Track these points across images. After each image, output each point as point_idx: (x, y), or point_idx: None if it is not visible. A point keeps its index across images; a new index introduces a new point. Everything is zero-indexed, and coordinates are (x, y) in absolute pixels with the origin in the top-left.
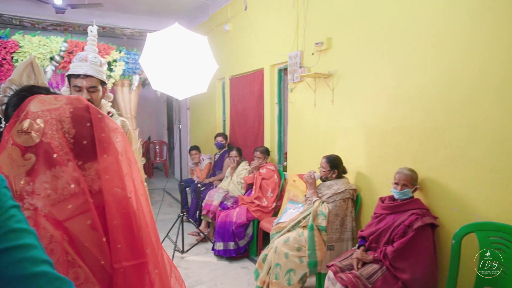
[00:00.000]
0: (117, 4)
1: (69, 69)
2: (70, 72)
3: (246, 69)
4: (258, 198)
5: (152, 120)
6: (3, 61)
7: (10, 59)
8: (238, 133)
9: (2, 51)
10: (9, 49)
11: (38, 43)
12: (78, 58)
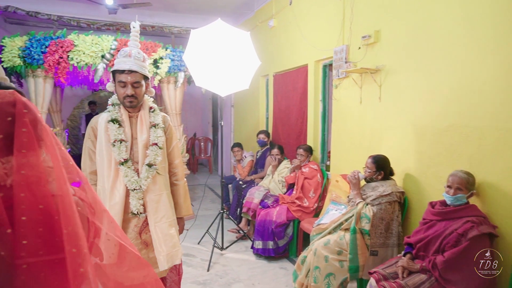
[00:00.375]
0: (165, 3)
1: (114, 65)
2: (115, 68)
3: (290, 66)
4: (299, 198)
5: (198, 117)
6: (60, 59)
7: (66, 57)
8: (280, 131)
9: (59, 50)
10: (65, 48)
11: (91, 42)
12: (122, 53)
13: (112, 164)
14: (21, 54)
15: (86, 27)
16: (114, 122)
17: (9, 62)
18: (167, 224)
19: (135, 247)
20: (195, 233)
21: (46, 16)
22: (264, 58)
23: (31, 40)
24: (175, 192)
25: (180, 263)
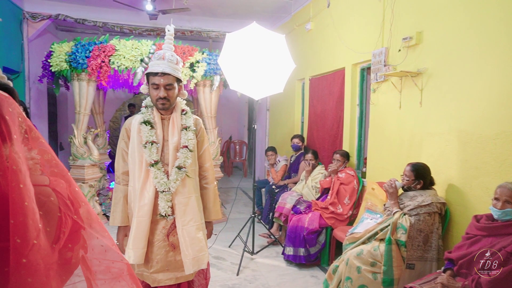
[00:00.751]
0: (203, 9)
1: (148, 67)
2: (149, 71)
3: (326, 69)
4: (333, 204)
5: (234, 120)
6: (102, 63)
7: (108, 61)
8: (315, 136)
9: (102, 55)
10: (107, 53)
11: (131, 46)
12: (156, 56)
13: (143, 166)
14: (68, 58)
15: (129, 33)
16: (146, 124)
17: (57, 66)
18: (195, 228)
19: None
20: (226, 236)
21: (92, 23)
22: (301, 61)
23: (77, 46)
24: (204, 196)
25: (207, 267)
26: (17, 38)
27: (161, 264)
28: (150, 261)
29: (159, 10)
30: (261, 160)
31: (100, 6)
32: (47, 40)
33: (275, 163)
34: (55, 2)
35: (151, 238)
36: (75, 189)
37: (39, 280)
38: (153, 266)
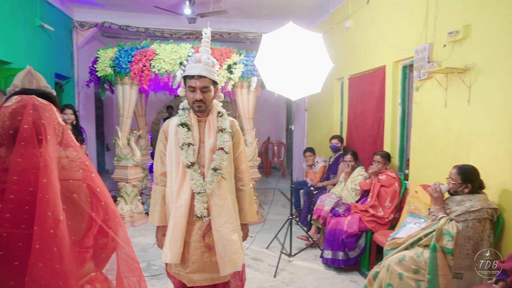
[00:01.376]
0: (241, 10)
1: (185, 70)
2: (186, 74)
3: (366, 68)
4: (373, 207)
5: (272, 121)
6: (143, 67)
7: (149, 65)
8: (355, 136)
9: (143, 59)
10: (148, 57)
11: (170, 50)
12: (193, 59)
13: (180, 167)
14: (112, 64)
15: (169, 37)
16: (183, 126)
17: (102, 71)
18: (230, 230)
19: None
20: (264, 237)
21: (135, 29)
22: (339, 60)
23: (120, 51)
24: (240, 198)
25: (243, 269)
26: (68, 46)
27: (197, 265)
28: (186, 261)
29: (198, 14)
30: (299, 161)
31: (142, 12)
32: (94, 46)
33: (314, 164)
34: (101, 11)
35: (187, 238)
36: (97, 189)
37: (50, 264)
38: (189, 267)
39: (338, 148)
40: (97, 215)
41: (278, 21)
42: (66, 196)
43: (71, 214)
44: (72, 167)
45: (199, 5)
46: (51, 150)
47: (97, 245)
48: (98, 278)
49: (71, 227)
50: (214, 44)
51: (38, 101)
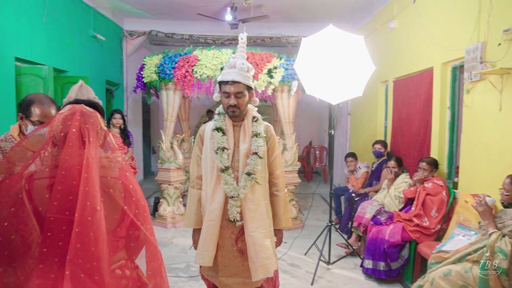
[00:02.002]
0: (283, 15)
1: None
2: (220, 79)
3: (412, 70)
4: (418, 216)
5: (314, 125)
6: (186, 73)
7: (191, 71)
8: (400, 141)
9: (186, 65)
10: (191, 63)
11: (212, 56)
12: (228, 65)
13: (214, 171)
14: (157, 70)
15: (212, 43)
16: (218, 131)
17: (148, 77)
18: (262, 235)
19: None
20: (302, 243)
21: (180, 36)
22: (384, 63)
23: (164, 58)
24: (274, 203)
25: (276, 275)
26: (118, 54)
27: (229, 269)
28: (219, 265)
29: (239, 20)
30: (341, 166)
31: (186, 20)
32: (142, 54)
33: (355, 170)
34: (149, 20)
35: (220, 242)
36: (130, 186)
37: (87, 246)
38: (222, 270)
39: (381, 154)
40: (129, 208)
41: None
42: (104, 190)
43: (107, 206)
44: (110, 166)
45: (241, 11)
46: (92, 150)
47: (130, 236)
48: (127, 265)
49: (107, 217)
50: (255, 49)
51: (85, 109)
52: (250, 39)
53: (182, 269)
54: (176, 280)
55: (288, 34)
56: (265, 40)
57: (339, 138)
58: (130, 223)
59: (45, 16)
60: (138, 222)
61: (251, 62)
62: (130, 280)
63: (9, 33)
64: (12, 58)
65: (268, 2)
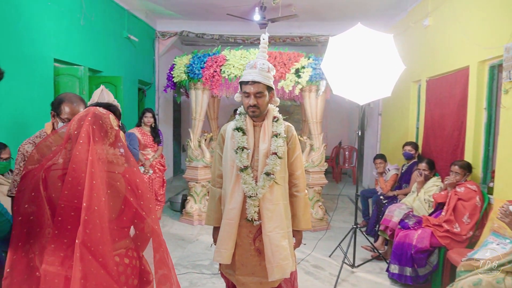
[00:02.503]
0: (312, 14)
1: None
2: (241, 80)
3: (447, 69)
4: (448, 222)
5: (344, 125)
6: (214, 73)
7: (219, 71)
8: (432, 143)
9: (214, 65)
10: (219, 63)
11: (240, 55)
12: (248, 65)
13: (234, 170)
14: (186, 70)
15: (242, 43)
16: (238, 130)
17: (177, 77)
18: (280, 235)
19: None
20: (327, 244)
21: (210, 36)
22: (417, 62)
23: (194, 58)
24: (294, 204)
25: (295, 277)
26: (150, 54)
27: (246, 268)
28: (236, 263)
29: (268, 19)
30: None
31: (216, 20)
32: (174, 54)
33: (384, 172)
34: (181, 21)
35: (238, 241)
36: (136, 180)
37: (94, 232)
38: (239, 269)
39: (411, 156)
40: (134, 200)
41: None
42: (111, 183)
43: (113, 197)
44: (118, 162)
45: (270, 11)
46: (99, 148)
47: (136, 227)
48: (127, 254)
49: (112, 207)
50: (283, 49)
51: (98, 111)
52: (280, 39)
53: (205, 266)
54: (200, 276)
55: (318, 33)
56: (295, 39)
57: (369, 139)
58: (135, 214)
59: (82, 19)
60: (143, 213)
61: (279, 62)
62: (127, 268)
63: (48, 36)
64: (51, 59)
65: (297, 1)
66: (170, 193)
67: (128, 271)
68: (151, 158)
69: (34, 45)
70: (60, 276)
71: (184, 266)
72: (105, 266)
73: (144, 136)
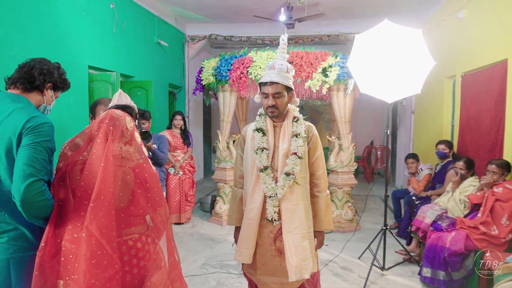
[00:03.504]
0: (340, 11)
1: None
2: (260, 81)
3: (483, 63)
4: (485, 224)
5: (376, 124)
6: (241, 74)
7: (246, 72)
8: (468, 142)
9: (241, 67)
10: (245, 64)
11: (266, 57)
12: (268, 66)
13: (254, 171)
14: (214, 72)
15: (270, 44)
16: (258, 131)
17: (206, 80)
18: (300, 236)
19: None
20: (357, 246)
21: (238, 38)
22: (451, 56)
23: (221, 60)
24: (315, 204)
25: (317, 278)
26: (180, 58)
27: (267, 268)
28: (257, 263)
29: (295, 19)
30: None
31: (244, 22)
32: (203, 57)
33: (417, 172)
34: (209, 24)
35: (259, 241)
36: (145, 174)
37: (99, 218)
38: (260, 268)
39: (445, 155)
40: (141, 192)
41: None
42: (122, 177)
43: (122, 189)
44: (131, 158)
45: (296, 11)
46: (112, 146)
47: (151, 218)
48: (141, 240)
49: (121, 197)
50: (309, 48)
51: (115, 113)
52: (308, 38)
53: (233, 266)
54: (227, 276)
55: (347, 31)
56: (323, 38)
57: (402, 137)
58: (143, 205)
59: (115, 27)
60: (149, 204)
61: (306, 62)
62: (139, 251)
63: (83, 44)
64: (86, 66)
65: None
66: (200, 194)
67: (140, 254)
68: (181, 160)
69: (71, 53)
70: (74, 253)
71: (212, 266)
72: (108, 246)
73: (174, 138)
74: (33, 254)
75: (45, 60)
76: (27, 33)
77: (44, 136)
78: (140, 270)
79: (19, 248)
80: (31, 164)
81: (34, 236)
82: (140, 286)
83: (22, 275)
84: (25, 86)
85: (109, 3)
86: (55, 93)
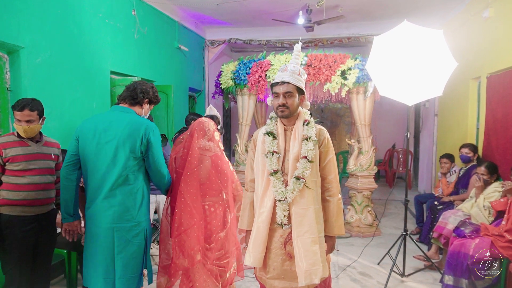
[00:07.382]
0: (360, 13)
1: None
2: (272, 82)
3: (509, 64)
4: (510, 232)
5: (398, 127)
6: (260, 78)
7: (264, 76)
8: (494, 145)
9: (259, 70)
10: (264, 68)
11: (284, 60)
12: (280, 69)
13: (265, 174)
14: (232, 76)
15: (289, 47)
16: (269, 135)
17: (225, 83)
18: (310, 240)
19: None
20: (377, 251)
21: (257, 42)
22: (476, 57)
23: (240, 64)
24: (326, 208)
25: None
26: (200, 62)
27: (277, 271)
28: (267, 267)
29: (314, 22)
30: (427, 171)
31: (263, 26)
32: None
33: (449, 172)
34: (229, 28)
35: (269, 244)
36: (218, 161)
37: (187, 187)
38: (270, 272)
39: (469, 159)
40: (215, 173)
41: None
42: (203, 161)
43: (203, 170)
44: (210, 149)
45: (316, 13)
46: (199, 141)
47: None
48: (215, 206)
49: (203, 175)
50: (328, 51)
51: (201, 120)
52: (327, 41)
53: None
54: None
55: (367, 33)
56: (343, 40)
57: (425, 141)
58: (217, 182)
59: (136, 33)
60: (219, 183)
61: (324, 64)
62: (212, 214)
63: (106, 50)
64: (108, 71)
65: (344, 1)
66: None
67: (212, 216)
68: None
69: (94, 59)
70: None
71: None
72: (196, 208)
73: None
74: (132, 225)
75: (144, 82)
76: (53, 40)
77: (158, 136)
78: (212, 226)
79: (121, 220)
80: (164, 164)
81: (133, 210)
82: (210, 236)
83: (122, 240)
84: (131, 101)
85: (131, 10)
86: (150, 106)
